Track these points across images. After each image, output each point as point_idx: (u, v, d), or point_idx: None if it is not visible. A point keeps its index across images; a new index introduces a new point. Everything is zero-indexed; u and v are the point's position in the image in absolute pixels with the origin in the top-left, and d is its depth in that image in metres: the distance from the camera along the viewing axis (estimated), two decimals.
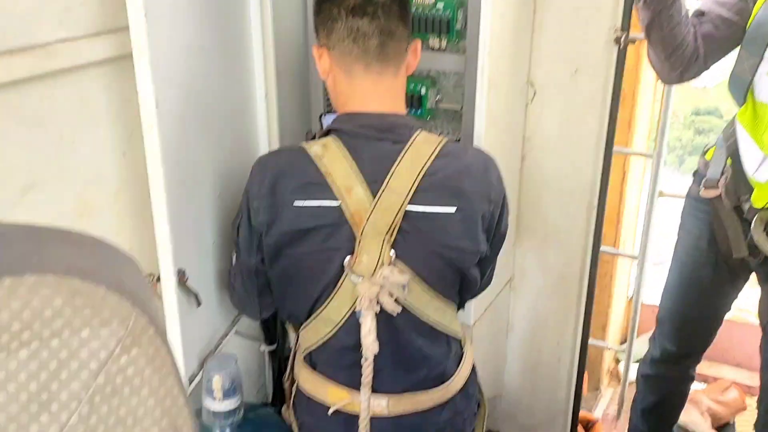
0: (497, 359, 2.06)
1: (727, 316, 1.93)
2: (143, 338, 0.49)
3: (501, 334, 2.03)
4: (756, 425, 1.82)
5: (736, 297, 1.85)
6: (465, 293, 1.51)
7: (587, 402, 2.65)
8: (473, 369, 1.59)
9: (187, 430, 0.52)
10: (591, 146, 1.71)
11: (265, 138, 1.67)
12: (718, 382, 2.54)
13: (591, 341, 2.26)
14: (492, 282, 1.65)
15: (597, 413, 2.57)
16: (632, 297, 2.39)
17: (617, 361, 2.86)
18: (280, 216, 1.33)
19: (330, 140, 1.36)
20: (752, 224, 1.52)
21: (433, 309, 1.43)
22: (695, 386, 2.56)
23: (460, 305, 1.56)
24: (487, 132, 1.56)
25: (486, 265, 1.50)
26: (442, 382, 1.48)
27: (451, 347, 1.51)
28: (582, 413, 2.36)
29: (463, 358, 1.53)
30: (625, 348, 2.50)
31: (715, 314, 1.88)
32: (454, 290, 1.46)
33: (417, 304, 1.40)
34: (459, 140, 1.63)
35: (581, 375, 1.99)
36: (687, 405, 2.29)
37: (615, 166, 2.32)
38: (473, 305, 1.75)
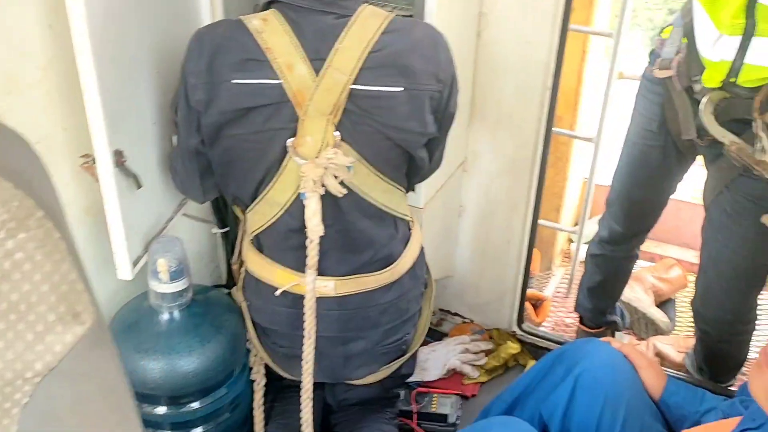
0: (448, 241, 2.08)
1: (678, 196, 1.97)
2: (30, 222, 0.46)
3: (452, 216, 2.04)
4: (692, 302, 1.90)
5: (681, 179, 1.88)
6: (413, 176, 1.50)
7: (540, 281, 2.73)
8: (421, 251, 1.61)
9: (88, 315, 0.50)
10: (548, 24, 1.65)
11: (208, 8, 1.56)
12: (663, 260, 2.62)
13: (542, 222, 2.30)
14: (443, 164, 1.64)
15: (548, 292, 2.66)
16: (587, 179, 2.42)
17: (570, 241, 2.92)
18: (218, 94, 1.28)
19: (270, 13, 1.29)
20: (701, 104, 1.51)
21: (379, 191, 1.41)
22: (642, 264, 2.65)
23: (409, 188, 1.54)
24: (440, 6, 1.49)
25: (434, 146, 1.48)
26: (389, 264, 1.49)
27: (399, 229, 1.51)
28: (531, 292, 2.43)
29: (410, 240, 1.54)
30: (578, 229, 2.55)
31: (662, 196, 1.91)
32: (401, 172, 1.44)
33: (363, 187, 1.38)
34: (411, 16, 1.56)
35: (530, 255, 2.03)
36: (632, 282, 2.37)
37: (574, 45, 2.27)
38: (424, 187, 1.74)
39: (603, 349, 1.36)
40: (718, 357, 1.91)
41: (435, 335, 2.23)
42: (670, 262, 2.57)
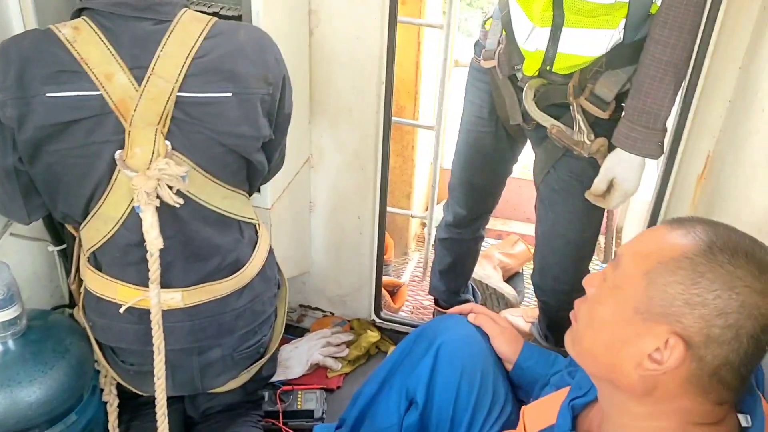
0: (302, 238, 2.09)
1: (517, 175, 2.08)
2: None
3: (303, 213, 2.05)
4: (531, 276, 2.02)
5: (516, 161, 1.99)
6: (254, 179, 1.49)
7: (397, 268, 2.81)
8: (270, 252, 1.60)
9: None
10: (376, 19, 1.69)
11: (18, 16, 1.45)
12: (508, 237, 2.77)
13: (392, 210, 2.36)
14: (288, 163, 1.64)
15: (405, 277, 2.73)
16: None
17: (423, 225, 3.02)
18: (32, 109, 1.20)
19: (81, 22, 1.23)
20: (524, 92, 1.61)
21: (219, 198, 1.39)
22: (490, 242, 2.79)
23: (252, 191, 1.53)
24: (266, 5, 1.48)
25: (272, 148, 1.47)
26: (237, 269, 1.48)
27: (244, 234, 1.50)
28: (388, 279, 2.49)
29: (257, 243, 1.53)
30: (428, 214, 2.64)
31: (499, 178, 2.01)
32: (240, 177, 1.43)
33: (201, 195, 1.36)
34: (240, 16, 1.53)
35: (381, 244, 2.08)
36: (481, 260, 2.49)
37: (408, 37, 2.34)
38: (269, 188, 1.73)
39: (459, 324, 1.42)
40: (559, 324, 2.04)
41: (297, 332, 2.24)
42: (514, 239, 2.72)
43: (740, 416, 0.90)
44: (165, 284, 1.38)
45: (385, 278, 2.41)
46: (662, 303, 0.81)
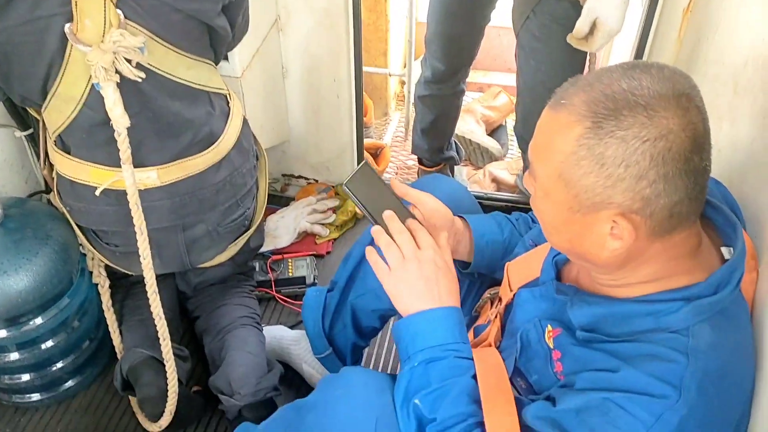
0: (278, 106, 2.03)
1: (496, 23, 1.99)
2: None
3: (276, 80, 1.97)
4: (514, 127, 1.99)
5: (494, 7, 1.89)
6: (218, 46, 1.41)
7: (379, 129, 2.76)
8: (244, 122, 1.55)
9: None
10: None
11: None
12: (490, 89, 2.71)
13: (368, 69, 2.28)
14: (254, 26, 1.55)
15: (387, 138, 2.69)
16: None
17: (403, 84, 2.94)
18: None
19: None
20: None
21: (183, 68, 1.32)
22: (472, 96, 2.72)
23: (218, 59, 1.46)
24: None
25: (234, 12, 1.38)
26: (212, 143, 1.43)
27: (215, 105, 1.44)
28: (370, 142, 2.46)
29: (230, 114, 1.48)
30: (406, 71, 2.55)
31: (476, 27, 1.92)
32: (203, 45, 1.35)
33: (163, 66, 1.29)
34: None
35: (360, 105, 2.02)
36: (463, 115, 2.45)
37: None
38: (237, 55, 1.65)
39: (445, 181, 1.40)
40: None
41: (282, 201, 2.23)
42: (496, 90, 2.66)
43: (723, 249, 0.91)
44: (138, 163, 1.34)
45: (366, 141, 2.38)
46: (587, 196, 0.81)
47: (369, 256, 1.10)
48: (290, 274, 1.93)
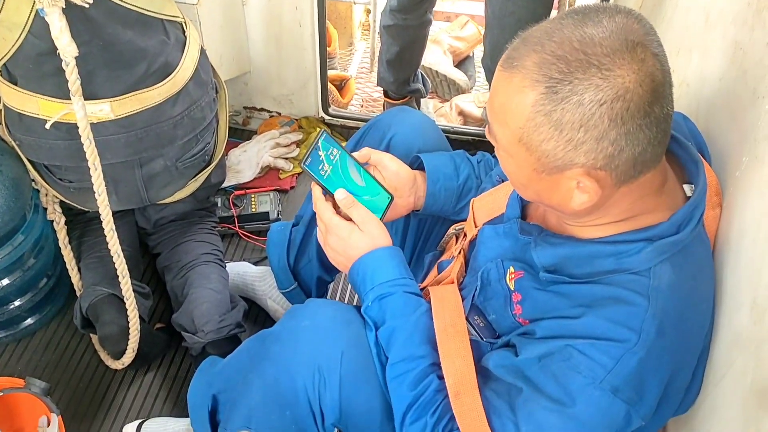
0: (237, 35, 1.94)
1: None
2: None
3: (235, 7, 1.88)
4: (482, 60, 1.95)
5: None
6: None
7: (343, 60, 2.69)
8: (202, 53, 1.49)
9: None
10: None
11: None
12: (457, 18, 2.64)
13: None
14: None
15: (352, 70, 2.63)
16: None
17: (368, 12, 2.85)
18: None
19: None
20: None
21: None
22: (440, 25, 2.66)
23: None
24: None
25: None
26: (168, 74, 1.37)
27: (170, 34, 1.37)
28: (334, 73, 2.39)
29: (186, 44, 1.41)
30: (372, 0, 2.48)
31: None
32: None
33: None
34: None
35: (323, 35, 1.95)
36: (430, 45, 2.39)
37: None
38: None
39: (411, 114, 1.37)
40: None
41: (244, 135, 2.18)
42: (463, 20, 2.60)
43: (686, 187, 0.91)
44: (90, 95, 1.27)
45: (331, 72, 2.32)
46: (550, 159, 0.79)
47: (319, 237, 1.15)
48: (253, 210, 1.90)
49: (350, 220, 1.10)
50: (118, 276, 1.42)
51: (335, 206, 1.12)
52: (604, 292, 0.86)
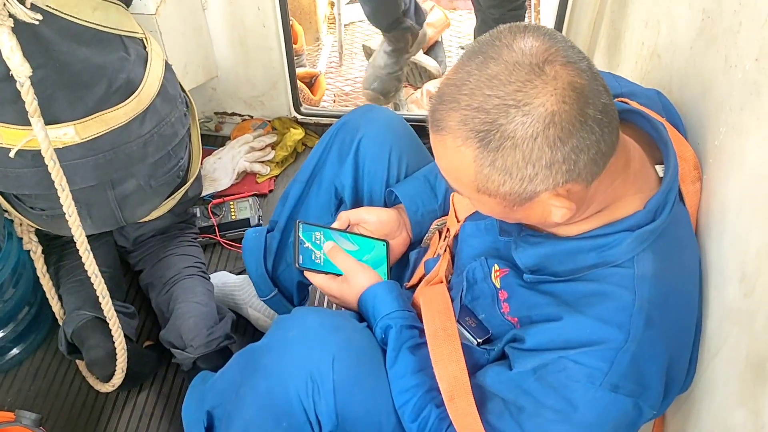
0: (201, 41, 1.90)
1: None
2: None
3: (196, 13, 1.84)
4: (475, 30, 1.94)
5: None
6: None
7: (311, 56, 2.65)
8: (167, 67, 1.45)
9: None
10: None
11: None
12: (423, 4, 2.61)
13: None
14: None
15: (321, 65, 2.60)
16: None
17: (332, 5, 2.82)
18: None
19: None
20: None
21: (88, 10, 1.22)
22: None
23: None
24: None
25: None
26: (132, 92, 1.34)
27: (130, 50, 1.34)
28: (303, 71, 2.36)
29: (148, 59, 1.38)
30: None
31: None
32: None
33: (64, 9, 1.19)
34: None
35: (288, 32, 1.91)
36: None
37: None
38: None
39: (381, 113, 1.35)
40: None
41: (217, 141, 2.15)
42: (428, 5, 2.57)
43: (657, 168, 0.91)
44: (52, 120, 1.24)
45: (299, 70, 2.29)
46: (513, 196, 0.79)
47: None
48: (233, 217, 1.87)
49: None
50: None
51: None
52: (589, 289, 0.85)
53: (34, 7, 1.10)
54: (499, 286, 0.96)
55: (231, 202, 1.89)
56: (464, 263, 1.03)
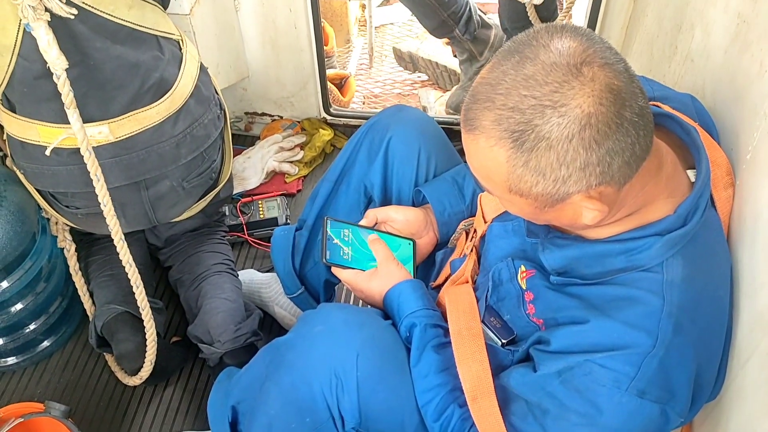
0: (233, 42, 1.93)
1: None
2: None
3: (229, 13, 1.87)
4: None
5: None
6: None
7: (341, 58, 2.67)
8: (202, 69, 1.46)
9: None
10: None
11: None
12: None
13: None
14: None
15: (351, 67, 2.61)
16: None
17: (363, 7, 2.83)
18: None
19: None
20: None
21: (124, 8, 1.24)
22: None
23: (167, 1, 1.36)
24: None
25: None
26: (166, 92, 1.35)
27: (164, 50, 1.35)
28: (333, 72, 2.37)
29: (183, 60, 1.39)
30: None
31: None
32: None
33: (100, 6, 1.20)
34: None
35: (319, 34, 1.93)
36: (428, 37, 2.37)
37: None
38: None
39: (411, 113, 1.36)
40: None
41: (247, 141, 2.17)
42: None
43: (689, 173, 0.90)
44: (87, 119, 1.25)
45: (329, 71, 2.30)
46: (545, 198, 0.78)
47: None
48: (261, 216, 1.88)
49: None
50: (130, 293, 1.41)
51: None
52: (617, 293, 0.84)
53: (69, 3, 1.13)
54: (525, 288, 0.95)
55: (259, 201, 1.91)
56: (490, 264, 1.03)
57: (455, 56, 2.37)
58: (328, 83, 2.13)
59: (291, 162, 2.03)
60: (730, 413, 0.91)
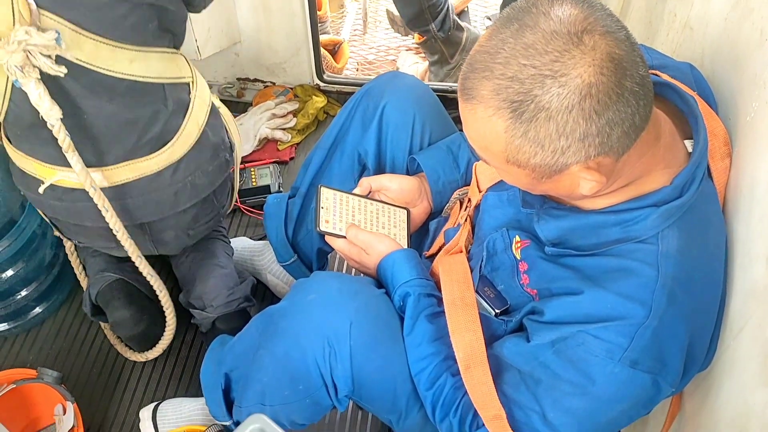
0: (224, 6, 1.89)
1: None
2: None
3: None
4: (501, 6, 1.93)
5: None
6: (174, 25, 1.22)
7: (335, 23, 2.63)
8: (213, 112, 1.36)
9: None
10: None
11: None
12: None
13: None
14: None
15: (345, 33, 2.57)
16: None
17: None
18: None
19: None
20: None
21: (125, 62, 1.14)
22: None
23: (179, 41, 1.27)
24: None
25: None
26: (165, 143, 1.26)
27: (169, 100, 1.24)
28: (327, 38, 2.34)
29: (190, 106, 1.28)
30: None
31: None
32: (147, 30, 1.16)
33: (97, 61, 1.11)
34: None
35: (312, 0, 1.90)
36: None
37: None
38: None
39: (406, 80, 1.34)
40: None
41: (239, 107, 2.14)
42: None
43: (686, 143, 0.89)
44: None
45: (323, 37, 2.27)
46: (543, 168, 0.78)
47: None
48: (254, 184, 1.87)
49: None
50: (124, 260, 1.40)
51: None
52: (612, 264, 0.84)
53: (64, 62, 1.06)
54: (519, 258, 0.95)
55: (252, 169, 1.89)
56: (485, 234, 1.03)
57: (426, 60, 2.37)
58: (322, 49, 2.09)
59: (283, 129, 2.01)
60: (721, 383, 0.92)
